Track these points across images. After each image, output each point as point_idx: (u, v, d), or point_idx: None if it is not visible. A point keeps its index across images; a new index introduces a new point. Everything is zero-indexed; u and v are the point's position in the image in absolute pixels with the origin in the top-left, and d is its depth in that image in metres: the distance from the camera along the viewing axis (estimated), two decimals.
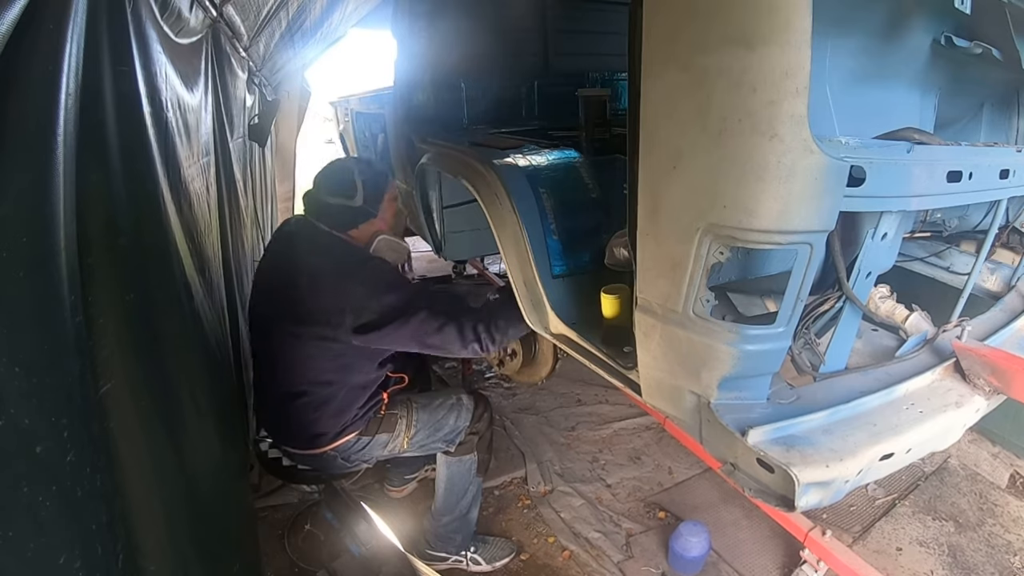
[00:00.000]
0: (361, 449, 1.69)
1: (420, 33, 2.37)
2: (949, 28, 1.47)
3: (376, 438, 1.69)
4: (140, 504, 0.78)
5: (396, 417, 1.72)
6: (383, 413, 1.70)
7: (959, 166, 1.09)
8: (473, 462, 1.82)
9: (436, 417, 1.75)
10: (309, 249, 1.58)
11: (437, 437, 1.76)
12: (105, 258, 0.78)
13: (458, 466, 1.81)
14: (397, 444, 1.72)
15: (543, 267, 1.54)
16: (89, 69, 0.71)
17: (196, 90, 1.54)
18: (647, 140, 1.03)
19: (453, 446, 1.79)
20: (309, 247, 1.59)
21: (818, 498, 1.03)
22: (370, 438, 1.68)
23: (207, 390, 1.25)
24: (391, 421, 1.71)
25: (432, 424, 1.75)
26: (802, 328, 1.21)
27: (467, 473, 1.82)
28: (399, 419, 1.72)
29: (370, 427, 1.68)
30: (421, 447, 1.77)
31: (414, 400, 1.77)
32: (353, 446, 1.67)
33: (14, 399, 0.52)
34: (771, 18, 0.83)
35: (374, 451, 1.71)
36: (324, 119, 8.19)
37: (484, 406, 1.85)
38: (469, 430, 1.79)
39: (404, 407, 1.74)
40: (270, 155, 4.08)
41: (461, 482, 1.82)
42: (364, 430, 1.67)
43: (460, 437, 1.78)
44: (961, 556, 1.96)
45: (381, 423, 1.70)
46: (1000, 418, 2.23)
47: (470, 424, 1.79)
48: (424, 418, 1.74)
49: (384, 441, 1.70)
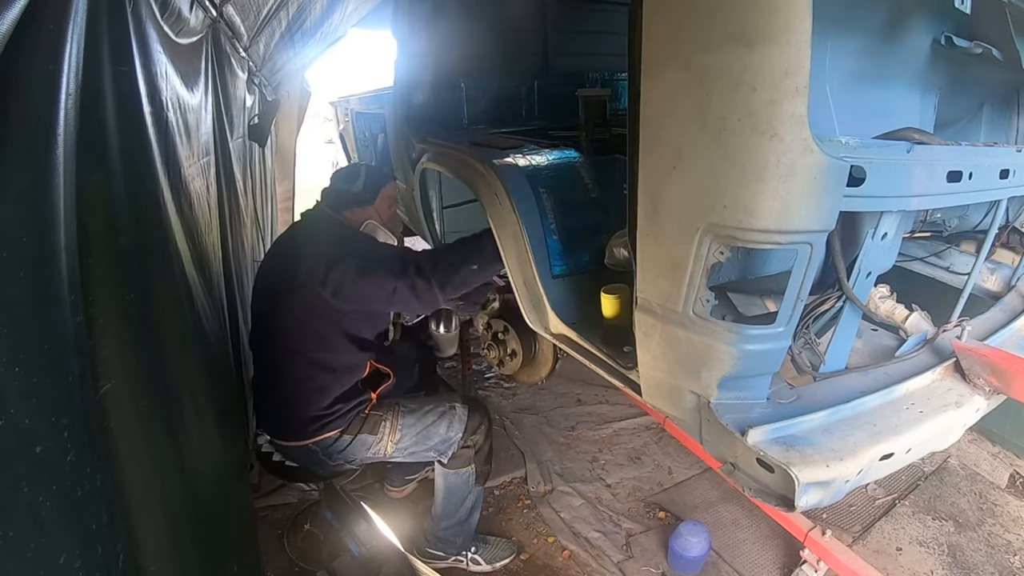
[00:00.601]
0: (343, 448, 1.67)
1: (420, 33, 2.37)
2: (949, 28, 1.47)
3: (359, 438, 1.67)
4: (140, 504, 0.78)
5: (380, 419, 1.69)
6: (367, 413, 1.68)
7: (959, 166, 1.09)
8: (470, 474, 1.78)
9: (424, 424, 1.71)
10: (308, 227, 1.76)
11: (427, 446, 1.72)
12: (105, 258, 0.78)
13: (454, 478, 1.77)
14: (381, 448, 1.69)
15: (543, 267, 1.54)
16: (89, 69, 0.71)
17: (196, 90, 1.54)
18: (647, 140, 1.03)
19: (446, 457, 1.74)
20: (310, 225, 1.77)
21: (818, 498, 1.03)
22: (351, 437, 1.66)
23: (207, 390, 1.25)
24: (374, 422, 1.68)
25: (420, 431, 1.70)
26: (802, 328, 1.21)
27: (464, 485, 1.78)
28: (383, 421, 1.69)
29: (352, 426, 1.66)
30: (410, 454, 1.73)
31: (402, 404, 1.74)
32: (334, 444, 1.66)
33: (14, 399, 0.52)
34: (771, 17, 0.83)
35: (357, 452, 1.69)
36: (324, 119, 8.19)
37: (480, 418, 1.79)
38: (463, 443, 1.74)
39: (390, 410, 1.71)
40: (270, 155, 4.08)
41: (458, 492, 1.79)
42: (346, 428, 1.65)
43: (453, 449, 1.73)
44: (961, 556, 1.96)
45: (364, 423, 1.67)
46: (1000, 418, 2.24)
47: (463, 436, 1.73)
48: (410, 423, 1.70)
49: (367, 443, 1.68)
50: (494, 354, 2.23)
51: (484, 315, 2.21)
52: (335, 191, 1.77)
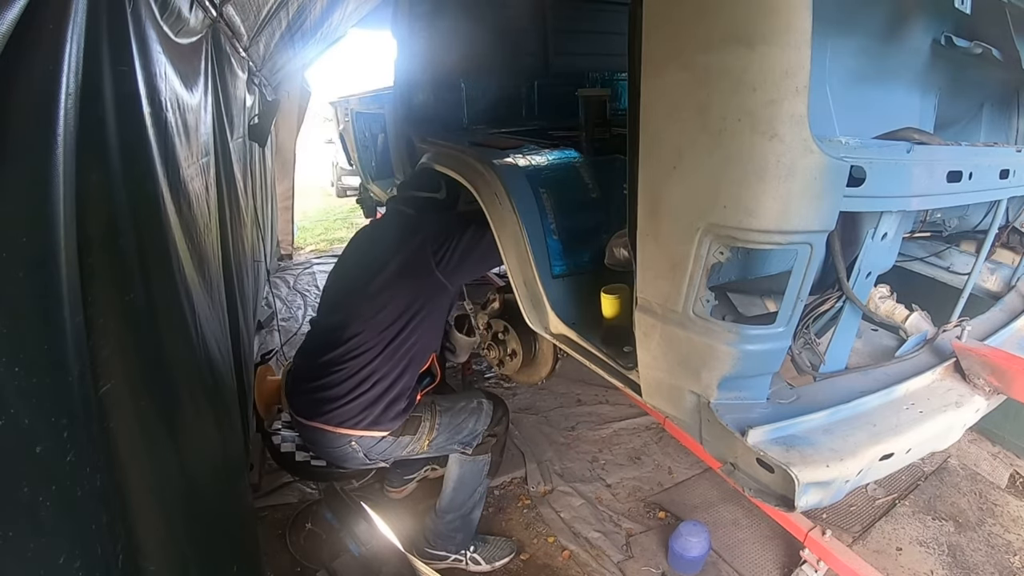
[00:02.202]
0: (384, 449, 1.70)
1: (420, 33, 2.37)
2: (949, 28, 1.47)
3: (399, 440, 1.70)
4: (140, 504, 0.78)
5: (420, 420, 1.73)
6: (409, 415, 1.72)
7: (959, 166, 1.09)
8: (487, 463, 1.83)
9: (457, 420, 1.77)
10: (400, 224, 1.82)
11: (456, 440, 1.77)
12: (105, 258, 0.78)
13: (472, 465, 1.82)
14: (417, 446, 1.73)
15: (543, 267, 1.54)
16: (89, 69, 0.71)
17: (196, 90, 1.54)
18: (647, 140, 1.03)
19: (470, 448, 1.80)
20: (401, 221, 1.83)
21: (818, 498, 1.03)
22: (394, 439, 1.70)
23: (207, 390, 1.25)
24: (414, 423, 1.72)
25: (453, 427, 1.76)
26: (802, 328, 1.21)
27: (479, 474, 1.83)
28: (423, 422, 1.73)
29: (403, 427, 1.70)
30: (439, 449, 1.78)
31: (438, 403, 1.78)
32: (377, 444, 1.68)
33: (14, 399, 0.52)
34: (772, 18, 0.83)
35: (395, 451, 1.73)
36: (324, 119, 8.22)
37: (503, 410, 1.87)
38: (487, 432, 1.80)
39: (428, 410, 1.75)
40: (270, 155, 4.09)
41: (471, 481, 1.84)
42: (394, 430, 1.69)
43: (478, 440, 1.80)
44: (961, 556, 1.96)
45: (406, 425, 1.71)
46: (1000, 418, 2.24)
47: (488, 427, 1.80)
48: (446, 421, 1.75)
49: (406, 443, 1.72)
50: (494, 354, 2.23)
51: (484, 315, 2.21)
52: (423, 200, 1.85)
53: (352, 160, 4.43)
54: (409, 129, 2.40)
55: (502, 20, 2.63)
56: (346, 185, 7.99)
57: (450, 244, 1.68)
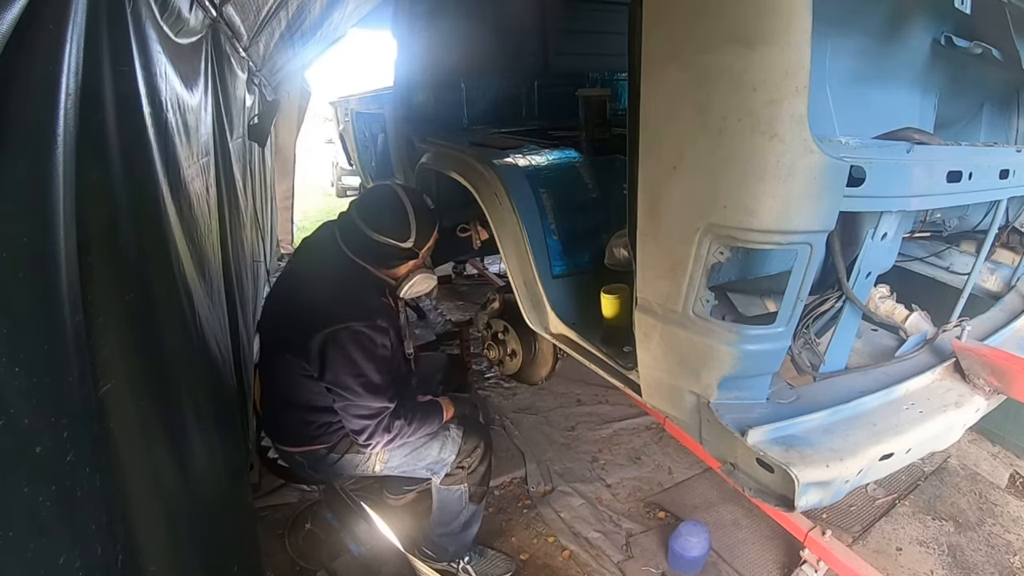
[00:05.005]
0: (331, 465, 1.66)
1: (420, 33, 2.37)
2: (949, 28, 1.47)
3: (346, 457, 1.65)
4: (140, 504, 0.78)
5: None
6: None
7: (959, 166, 1.09)
8: (463, 493, 1.73)
9: (414, 446, 1.67)
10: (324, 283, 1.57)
11: (419, 465, 1.70)
12: (105, 258, 0.78)
13: (446, 494, 1.74)
14: (369, 467, 1.68)
15: (543, 267, 1.54)
16: (89, 69, 0.71)
17: (196, 90, 1.53)
18: (647, 140, 1.03)
19: (439, 477, 1.72)
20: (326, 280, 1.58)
21: (818, 498, 1.03)
22: (339, 456, 1.64)
23: (207, 390, 1.25)
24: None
25: (410, 452, 1.67)
26: (802, 328, 1.21)
27: (456, 501, 1.75)
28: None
29: (340, 445, 1.64)
30: (401, 472, 1.72)
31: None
32: (323, 459, 1.65)
33: (14, 399, 0.52)
34: (772, 18, 0.83)
35: (345, 469, 1.68)
36: (324, 119, 8.21)
37: (477, 441, 1.74)
38: (456, 464, 1.70)
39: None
40: (270, 155, 4.08)
41: (451, 507, 1.77)
42: (333, 447, 1.64)
43: (447, 469, 1.70)
44: (961, 556, 1.96)
45: (352, 444, 1.63)
46: (1000, 418, 2.24)
47: (457, 458, 1.70)
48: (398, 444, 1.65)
49: (355, 462, 1.66)
50: (494, 354, 2.23)
51: (484, 315, 2.21)
52: (380, 247, 1.53)
53: (352, 160, 4.43)
54: (409, 129, 2.40)
55: (502, 20, 2.63)
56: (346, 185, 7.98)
57: (332, 351, 1.46)
